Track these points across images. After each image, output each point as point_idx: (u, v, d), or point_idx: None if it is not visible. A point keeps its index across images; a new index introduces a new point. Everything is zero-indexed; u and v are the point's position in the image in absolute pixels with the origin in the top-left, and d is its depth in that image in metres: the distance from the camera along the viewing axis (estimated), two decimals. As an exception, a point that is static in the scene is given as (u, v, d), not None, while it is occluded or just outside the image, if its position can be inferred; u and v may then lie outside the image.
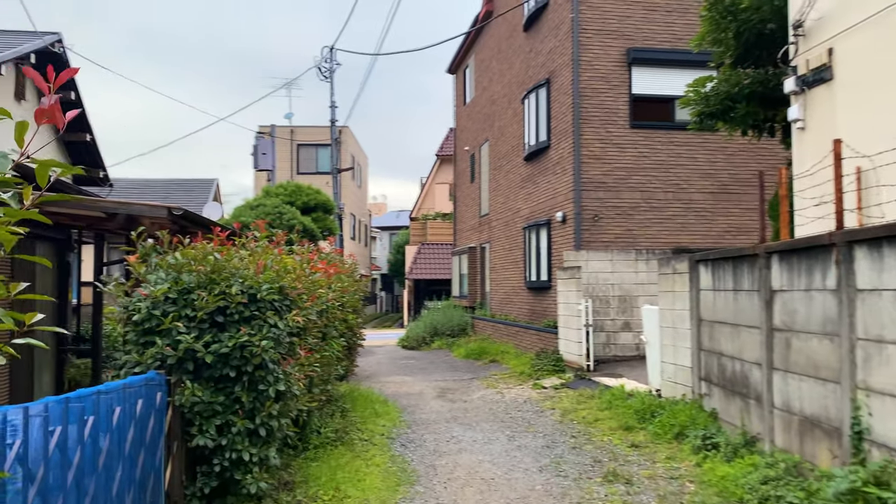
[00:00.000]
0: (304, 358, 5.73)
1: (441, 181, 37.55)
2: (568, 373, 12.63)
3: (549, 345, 14.19)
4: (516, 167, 17.68)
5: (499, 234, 19.38)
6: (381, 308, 47.34)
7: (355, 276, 10.55)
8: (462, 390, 12.23)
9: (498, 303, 19.40)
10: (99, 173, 11.72)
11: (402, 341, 21.52)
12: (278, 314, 5.25)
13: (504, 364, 15.25)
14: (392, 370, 15.51)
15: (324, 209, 17.44)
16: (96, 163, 11.57)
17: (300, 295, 5.69)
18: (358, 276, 10.77)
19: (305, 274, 5.55)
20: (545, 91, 15.48)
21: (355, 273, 10.68)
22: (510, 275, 18.15)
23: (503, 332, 17.63)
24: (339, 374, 8.53)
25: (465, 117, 23.91)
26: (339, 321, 8.21)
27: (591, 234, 13.84)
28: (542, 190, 15.66)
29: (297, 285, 5.50)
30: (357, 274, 10.85)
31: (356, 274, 10.63)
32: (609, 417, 8.98)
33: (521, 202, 17.28)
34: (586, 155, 13.91)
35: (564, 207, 14.30)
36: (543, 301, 15.46)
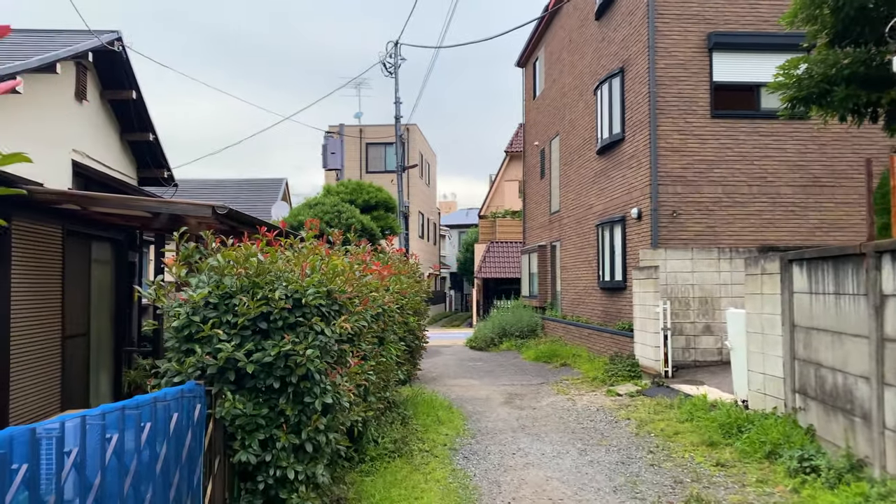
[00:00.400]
0: (357, 366, 5.31)
1: (510, 178, 36.92)
2: (644, 379, 11.89)
3: (623, 349, 13.45)
4: (588, 161, 16.94)
5: (570, 231, 18.67)
6: (450, 307, 47.06)
7: (417, 276, 10.13)
8: (531, 396, 11.66)
9: (569, 303, 18.70)
10: (163, 173, 11.70)
11: (469, 342, 21.07)
12: (325, 320, 4.84)
13: (576, 368, 14.59)
14: (458, 372, 15.06)
15: (385, 207, 17.07)
16: (160, 163, 11.55)
17: (351, 299, 5.27)
18: (420, 277, 10.35)
19: (356, 276, 5.13)
20: (619, 81, 14.71)
21: (417, 273, 10.27)
22: (582, 274, 17.43)
23: (575, 335, 16.93)
24: (399, 378, 8.12)
25: (535, 111, 23.24)
26: (399, 324, 7.80)
27: (669, 232, 13.02)
28: (616, 185, 14.90)
29: (348, 288, 5.09)
30: (419, 274, 10.43)
31: (418, 274, 10.21)
32: (690, 430, 8.26)
33: (593, 198, 16.54)
34: (664, 147, 13.09)
35: (640, 203, 13.52)
36: (618, 302, 14.71)
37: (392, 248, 9.80)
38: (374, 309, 6.32)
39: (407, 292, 8.35)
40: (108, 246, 7.57)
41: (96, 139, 9.83)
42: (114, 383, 7.80)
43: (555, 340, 17.93)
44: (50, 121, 8.44)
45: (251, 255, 4.60)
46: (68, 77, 8.96)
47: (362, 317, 5.85)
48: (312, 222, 6.61)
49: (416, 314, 9.52)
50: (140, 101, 10.39)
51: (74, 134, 9.10)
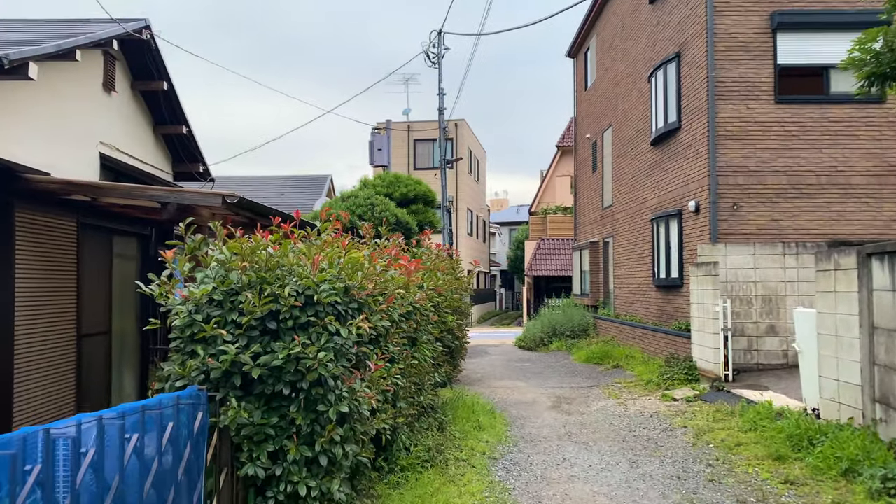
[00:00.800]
0: (379, 370, 4.83)
1: (562, 173, 36.06)
2: (702, 383, 11.12)
3: (680, 350, 12.67)
4: (642, 153, 16.14)
5: (623, 226, 17.88)
6: (500, 305, 46.42)
7: (457, 273, 9.61)
8: (580, 400, 11.02)
9: (622, 302, 17.92)
10: (198, 168, 11.45)
11: (518, 341, 20.46)
12: (341, 320, 4.37)
13: (629, 370, 13.85)
14: (505, 373, 14.49)
15: (424, 201, 16.49)
16: (194, 157, 11.30)
17: (374, 296, 4.79)
18: (461, 274, 9.82)
19: (376, 271, 4.65)
20: (675, 66, 13.89)
21: (458, 270, 9.74)
22: (636, 271, 16.64)
23: (628, 335, 16.17)
24: (436, 381, 7.62)
25: (586, 103, 22.45)
26: (434, 324, 7.30)
27: (730, 226, 12.19)
28: (672, 177, 14.10)
29: (369, 285, 4.61)
30: (460, 271, 9.90)
31: (458, 271, 9.69)
32: (754, 442, 7.52)
33: (647, 191, 15.74)
34: (723, 135, 12.26)
35: (698, 195, 12.71)
36: (674, 301, 13.91)
37: (430, 242, 9.28)
38: (402, 307, 5.83)
39: (443, 290, 7.84)
40: (134, 241, 7.28)
41: (127, 132, 9.61)
42: (140, 384, 7.52)
43: (607, 341, 17.19)
44: (75, 113, 8.22)
45: (258, 248, 4.15)
46: (95, 67, 8.73)
47: (389, 316, 5.37)
48: (342, 216, 6.18)
49: (456, 313, 9.00)
50: (172, 93, 10.14)
51: (103, 126, 8.88)
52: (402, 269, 5.27)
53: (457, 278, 9.32)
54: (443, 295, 7.87)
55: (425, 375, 7.02)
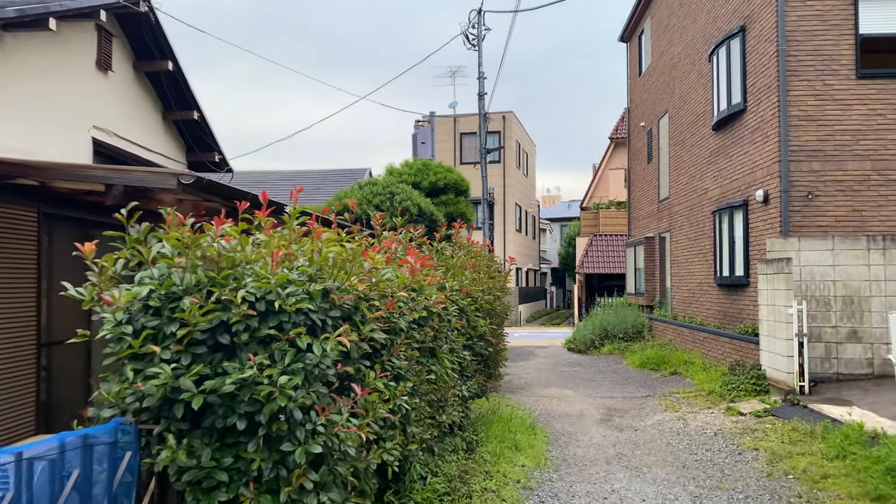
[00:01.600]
0: (374, 394, 3.86)
1: (615, 166, 34.54)
2: (773, 395, 9.82)
3: (746, 357, 11.35)
4: (703, 139, 14.78)
5: (681, 220, 16.52)
6: (550, 304, 45.05)
7: (492, 271, 8.56)
8: (633, 412, 9.85)
9: (680, 302, 16.56)
10: (213, 157, 10.67)
11: (568, 343, 19.26)
12: (316, 332, 3.40)
13: (688, 378, 12.57)
14: (551, 379, 13.36)
15: (456, 191, 15.24)
16: (209, 146, 10.52)
17: (368, 300, 3.82)
18: (497, 272, 8.77)
19: (364, 269, 3.66)
20: (739, 42, 12.53)
21: (493, 268, 8.70)
22: (695, 269, 15.29)
23: (687, 338, 14.84)
24: (462, 395, 6.60)
25: (641, 89, 21.07)
26: (460, 329, 6.29)
27: (804, 217, 10.82)
28: (737, 164, 12.74)
29: (359, 286, 3.63)
30: (495, 269, 8.85)
31: (493, 269, 8.63)
32: (844, 474, 6.28)
33: (708, 181, 14.39)
34: (796, 116, 10.89)
35: (766, 184, 11.36)
36: (739, 301, 12.56)
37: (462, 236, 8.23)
38: (415, 312, 4.83)
39: (472, 290, 6.80)
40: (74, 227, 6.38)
41: (129, 116, 8.85)
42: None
43: (663, 344, 15.88)
44: (62, 92, 7.46)
45: (200, 240, 3.21)
46: (85, 43, 7.96)
47: (393, 324, 4.38)
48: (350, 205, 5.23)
49: (490, 316, 7.96)
50: (179, 74, 9.32)
51: (97, 109, 8.12)
52: (408, 268, 4.28)
53: (491, 277, 8.28)
54: (471, 296, 6.85)
55: (448, 390, 6.02)
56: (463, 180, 14.70)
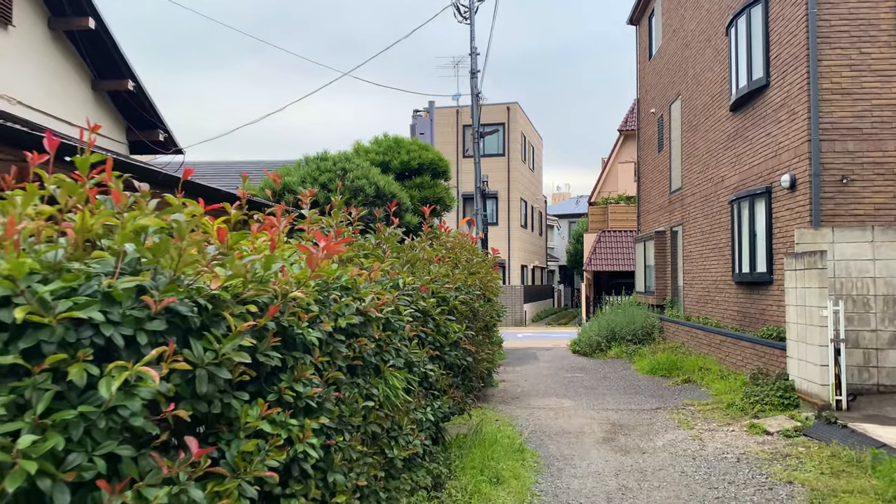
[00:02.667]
0: (253, 442, 2.59)
1: (624, 160, 33.13)
2: (804, 410, 8.47)
3: (770, 364, 10.00)
4: (719, 122, 13.41)
5: (694, 212, 15.15)
6: (558, 303, 43.64)
7: (472, 266, 7.24)
8: (641, 430, 8.53)
9: (694, 301, 15.20)
10: (156, 135, 9.36)
11: (573, 344, 17.94)
12: (114, 355, 2.11)
13: (703, 387, 11.22)
14: (550, 387, 12.05)
15: (433, 172, 13.49)
16: (150, 122, 9.23)
17: (242, 304, 2.54)
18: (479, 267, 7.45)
19: (206, 255, 2.38)
20: (761, 9, 11.16)
21: (474, 262, 7.38)
22: (710, 265, 13.93)
23: (701, 341, 13.48)
24: (423, 420, 5.29)
25: (651, 73, 19.69)
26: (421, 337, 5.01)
27: (837, 205, 9.46)
28: (758, 147, 11.38)
29: (210, 282, 2.35)
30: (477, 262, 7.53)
31: (475, 262, 7.31)
32: (908, 521, 4.94)
33: (725, 168, 13.02)
34: (828, 89, 9.53)
35: (793, 168, 10.00)
36: (760, 301, 11.20)
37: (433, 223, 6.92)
38: (342, 319, 3.55)
39: (436, 289, 5.49)
40: None
41: (44, 84, 7.56)
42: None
43: (675, 347, 14.52)
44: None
45: None
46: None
47: (300, 336, 3.08)
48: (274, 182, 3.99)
49: (469, 319, 6.66)
50: (105, 35, 8.02)
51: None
52: (313, 256, 2.99)
53: (471, 273, 6.98)
54: (440, 296, 5.55)
55: (404, 416, 4.73)
56: (442, 160, 13.11)
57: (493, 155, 32.02)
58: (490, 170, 31.87)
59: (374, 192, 8.78)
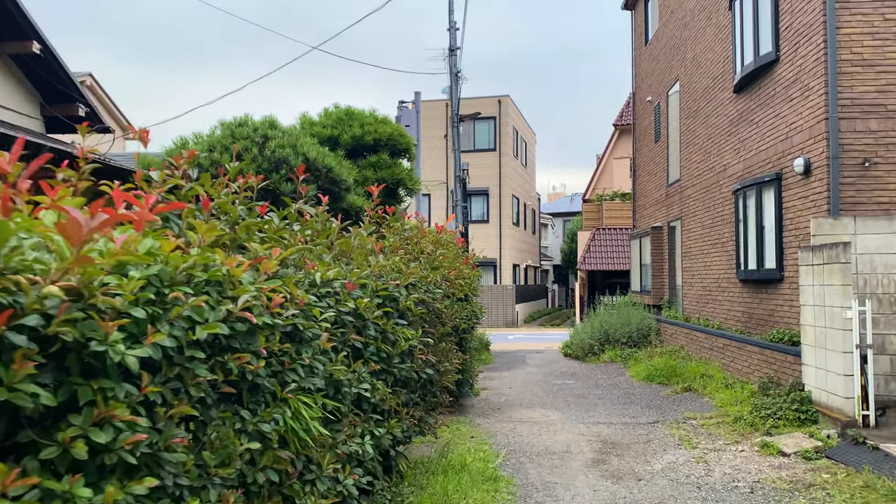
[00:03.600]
0: None
1: (620, 155, 32.02)
2: (824, 426, 7.35)
3: (782, 372, 8.89)
4: (721, 106, 12.30)
5: (694, 205, 14.04)
6: (552, 303, 42.48)
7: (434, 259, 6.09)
8: (637, 448, 7.41)
9: (693, 301, 14.09)
10: (75, 110, 8.11)
11: (565, 347, 16.83)
12: None
13: (705, 397, 10.09)
14: (537, 396, 10.91)
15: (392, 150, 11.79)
16: (65, 94, 7.97)
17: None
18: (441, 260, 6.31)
19: None
20: (769, -23, 10.06)
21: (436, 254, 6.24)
22: (712, 262, 12.82)
23: (702, 345, 12.37)
24: (368, 451, 4.16)
25: (647, 59, 18.58)
26: (354, 347, 3.87)
27: (858, 192, 8.35)
28: (766, 130, 10.27)
29: None
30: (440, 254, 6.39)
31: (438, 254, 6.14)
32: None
33: (728, 155, 11.91)
34: (848, 61, 8.42)
35: (808, 150, 8.89)
36: (769, 300, 10.08)
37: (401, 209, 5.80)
38: (204, 328, 2.43)
39: (376, 285, 4.33)
40: None
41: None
42: None
43: (673, 351, 13.40)
44: None
45: None
46: None
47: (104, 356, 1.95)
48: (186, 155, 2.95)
49: (429, 323, 5.52)
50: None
51: None
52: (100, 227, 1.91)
53: (434, 268, 5.83)
54: (384, 294, 4.41)
55: (327, 451, 3.60)
56: (403, 135, 11.57)
57: (483, 150, 30.91)
58: (480, 165, 30.76)
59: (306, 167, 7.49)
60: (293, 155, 7.36)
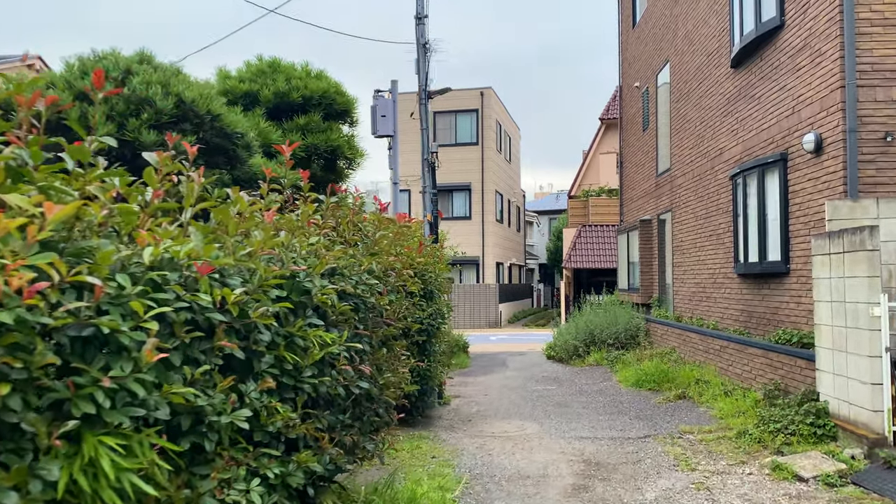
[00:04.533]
0: None
1: (606, 150, 30.96)
2: (846, 444, 6.23)
3: (790, 378, 7.77)
4: (716, 84, 11.21)
5: (686, 195, 12.95)
6: (537, 303, 41.36)
7: (372, 244, 4.91)
8: (625, 472, 6.26)
9: (685, 299, 12.99)
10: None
11: (548, 349, 15.72)
12: None
13: (701, 406, 8.98)
14: (514, 405, 9.77)
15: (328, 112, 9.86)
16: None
17: None
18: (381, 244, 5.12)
19: None
20: (772, -67, 8.96)
21: (375, 235, 5.06)
22: (706, 256, 11.72)
23: (696, 347, 11.27)
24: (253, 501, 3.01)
25: (635, 43, 17.49)
26: (174, 370, 2.69)
27: (879, 170, 7.26)
28: (768, 106, 9.17)
29: None
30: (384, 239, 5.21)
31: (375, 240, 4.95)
32: None
33: (724, 137, 10.82)
34: (867, 19, 7.33)
35: (819, 125, 7.78)
36: (772, 296, 8.97)
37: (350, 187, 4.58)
38: None
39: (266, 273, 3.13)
40: None
41: None
42: None
43: (664, 353, 12.30)
44: None
45: None
46: None
47: None
48: None
49: (364, 324, 4.34)
50: None
51: None
52: None
53: (372, 254, 4.63)
54: (281, 284, 3.23)
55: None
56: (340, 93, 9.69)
57: (465, 144, 29.74)
58: (462, 160, 29.59)
59: (174, 107, 5.91)
60: (162, 95, 5.89)
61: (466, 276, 29.96)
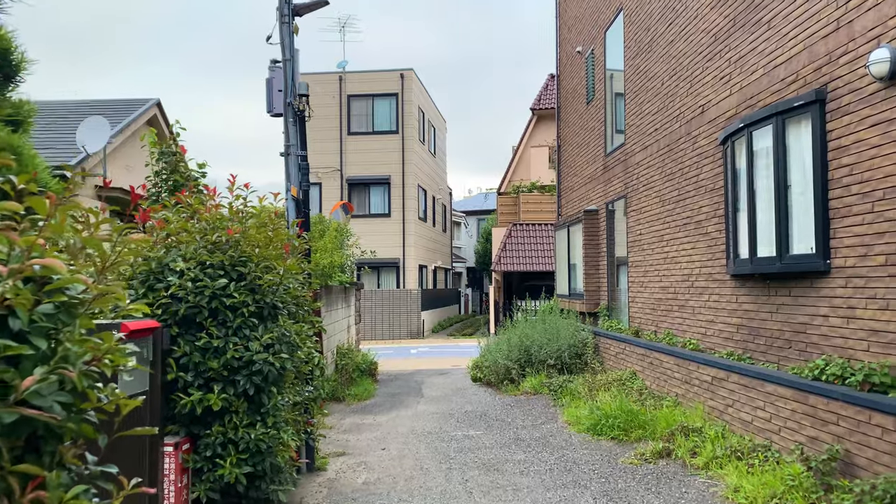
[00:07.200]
0: None
1: (538, 143, 28.27)
2: None
3: (854, 440, 4.84)
4: (696, 18, 8.36)
5: (648, 173, 10.08)
6: (465, 309, 38.34)
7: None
8: None
9: (647, 308, 10.09)
10: None
11: (475, 369, 12.68)
12: None
13: (699, 472, 5.96)
14: (421, 468, 6.58)
15: None
16: None
17: None
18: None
19: None
20: None
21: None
22: (678, 250, 8.84)
23: (669, 373, 8.36)
24: None
25: (576, 1, 14.64)
26: None
27: None
28: (788, 28, 6.28)
29: None
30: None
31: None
32: None
33: (709, 89, 7.95)
34: None
35: (891, 33, 4.89)
36: (796, 306, 6.04)
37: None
38: None
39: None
40: None
41: None
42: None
43: (623, 380, 9.35)
44: None
45: None
46: None
47: None
48: None
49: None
50: None
51: None
52: None
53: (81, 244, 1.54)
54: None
55: None
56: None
57: (383, 132, 26.49)
58: (380, 150, 26.34)
59: None
60: None
61: (385, 281, 26.69)
